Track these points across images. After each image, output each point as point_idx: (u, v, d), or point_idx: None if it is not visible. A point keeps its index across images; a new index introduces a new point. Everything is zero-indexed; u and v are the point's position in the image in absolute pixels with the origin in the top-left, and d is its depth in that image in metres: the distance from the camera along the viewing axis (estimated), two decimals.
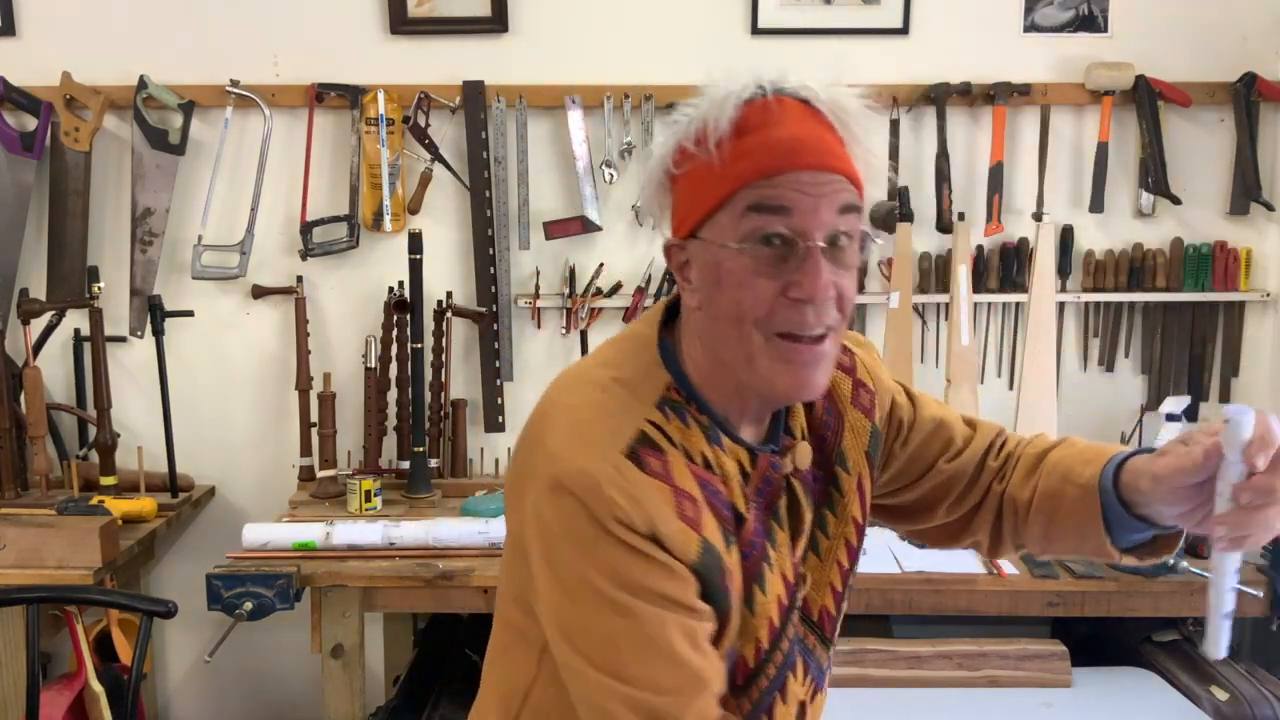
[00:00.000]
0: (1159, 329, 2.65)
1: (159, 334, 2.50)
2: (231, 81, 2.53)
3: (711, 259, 0.92)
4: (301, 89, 2.55)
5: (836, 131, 0.92)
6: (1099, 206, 2.58)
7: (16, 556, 2.07)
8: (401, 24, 2.54)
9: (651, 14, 2.54)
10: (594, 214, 2.56)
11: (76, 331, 2.60)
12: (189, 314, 2.58)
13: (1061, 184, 2.62)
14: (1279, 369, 2.64)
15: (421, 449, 2.49)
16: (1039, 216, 2.55)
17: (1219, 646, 0.93)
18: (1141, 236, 2.64)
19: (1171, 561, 2.05)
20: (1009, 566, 2.11)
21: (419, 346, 2.49)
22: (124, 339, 2.60)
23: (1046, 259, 2.50)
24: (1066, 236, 2.61)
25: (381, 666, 2.69)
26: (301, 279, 2.57)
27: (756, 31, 2.55)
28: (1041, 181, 2.57)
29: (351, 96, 2.53)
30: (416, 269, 2.46)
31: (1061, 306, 2.60)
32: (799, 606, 1.03)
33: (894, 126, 2.56)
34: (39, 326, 2.49)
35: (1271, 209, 2.57)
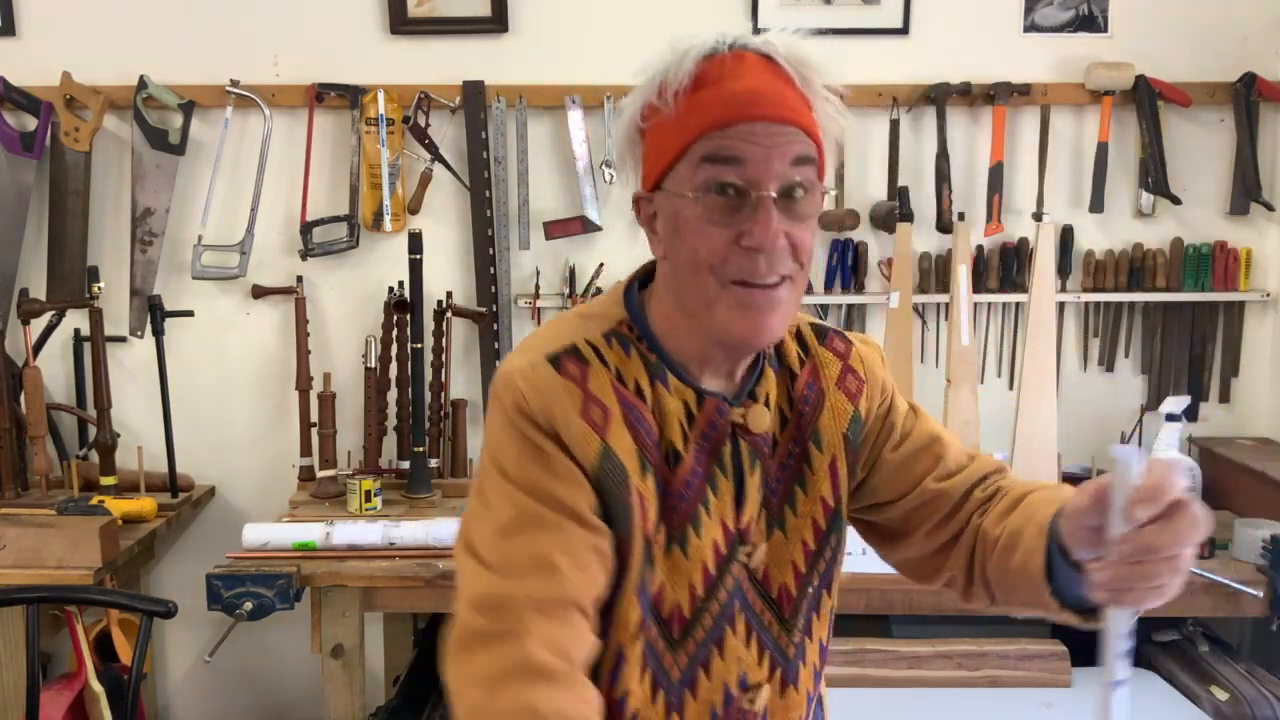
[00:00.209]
0: (1159, 329, 2.65)
1: (159, 334, 2.50)
2: (231, 81, 2.53)
3: (672, 209, 0.95)
4: (301, 89, 2.55)
5: (796, 85, 0.95)
6: (1099, 206, 2.58)
7: (16, 556, 2.07)
8: (401, 24, 2.54)
9: (651, 14, 2.54)
10: (594, 214, 2.56)
11: (76, 331, 2.60)
12: (189, 314, 2.58)
13: (1061, 184, 2.63)
14: (1279, 369, 2.64)
15: (421, 449, 2.49)
16: (1039, 216, 2.55)
17: None
18: (1141, 236, 2.64)
19: None
20: None
21: (419, 346, 2.48)
22: (124, 339, 2.60)
23: (1046, 259, 2.49)
24: (1066, 236, 2.61)
25: (381, 666, 2.69)
26: (301, 279, 2.58)
27: (757, 31, 2.53)
28: (1041, 181, 2.57)
29: (351, 96, 2.53)
30: (416, 269, 2.46)
31: (1061, 306, 2.60)
32: (750, 569, 1.03)
33: (894, 126, 2.56)
34: (39, 326, 2.49)
35: (1271, 209, 2.57)
